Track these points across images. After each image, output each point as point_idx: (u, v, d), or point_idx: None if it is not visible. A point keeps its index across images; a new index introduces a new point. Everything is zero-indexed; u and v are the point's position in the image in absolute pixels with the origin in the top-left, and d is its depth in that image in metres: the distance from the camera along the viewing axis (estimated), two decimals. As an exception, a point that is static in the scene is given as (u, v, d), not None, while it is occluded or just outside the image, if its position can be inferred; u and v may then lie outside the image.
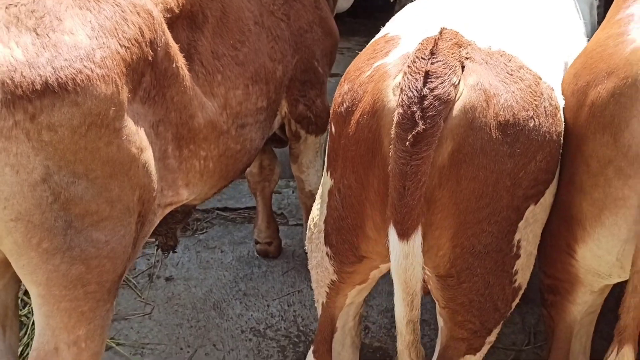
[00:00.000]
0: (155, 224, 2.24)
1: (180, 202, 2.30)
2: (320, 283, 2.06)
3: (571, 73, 1.96)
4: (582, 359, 2.10)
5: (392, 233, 1.63)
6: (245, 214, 4.02)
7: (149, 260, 3.60)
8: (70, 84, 1.63)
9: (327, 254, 1.96)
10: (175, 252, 2.81)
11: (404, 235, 1.62)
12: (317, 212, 2.05)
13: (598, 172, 1.75)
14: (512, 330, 3.17)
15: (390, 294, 3.43)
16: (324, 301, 2.09)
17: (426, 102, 1.56)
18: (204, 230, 3.86)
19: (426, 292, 2.33)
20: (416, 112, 1.55)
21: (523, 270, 1.88)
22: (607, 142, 1.71)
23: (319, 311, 2.14)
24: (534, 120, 1.67)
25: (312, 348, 2.17)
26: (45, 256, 1.78)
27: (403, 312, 1.69)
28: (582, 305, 1.99)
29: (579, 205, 1.82)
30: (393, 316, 3.36)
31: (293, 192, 4.20)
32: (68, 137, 1.68)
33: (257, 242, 3.65)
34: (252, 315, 3.26)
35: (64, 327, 1.88)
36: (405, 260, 1.63)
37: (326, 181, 1.97)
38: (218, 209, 4.03)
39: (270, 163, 3.47)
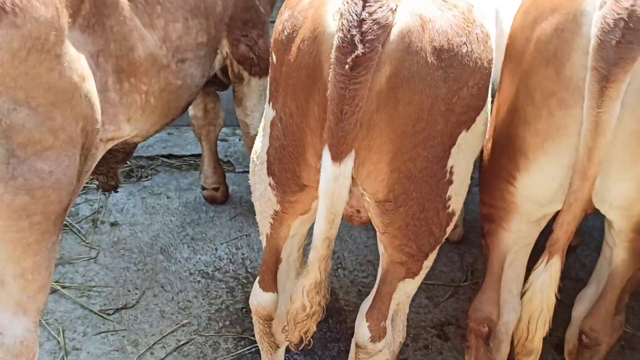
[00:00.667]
0: (98, 160, 2.22)
1: (122, 137, 2.28)
2: (264, 214, 2.10)
3: (521, 11, 2.05)
4: (515, 287, 2.23)
5: (326, 155, 1.68)
6: (191, 162, 4.01)
7: (92, 206, 3.56)
8: (8, 4, 1.60)
9: (269, 184, 2.00)
10: (117, 192, 2.79)
11: (336, 158, 1.67)
12: (259, 144, 2.08)
13: (542, 105, 1.85)
14: (451, 268, 3.33)
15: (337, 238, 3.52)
16: (268, 232, 2.13)
17: (365, 26, 1.60)
18: (149, 177, 3.84)
19: (363, 222, 2.42)
20: (355, 35, 1.59)
21: (456, 196, 1.97)
22: (551, 75, 1.81)
23: (264, 243, 2.19)
24: (467, 46, 1.74)
25: (257, 278, 2.22)
26: (-13, 185, 1.76)
27: (323, 229, 1.77)
28: (517, 233, 2.11)
29: (522, 136, 1.93)
30: (339, 258, 3.48)
31: (239, 140, 4.21)
32: (8, 61, 1.64)
33: (203, 188, 3.66)
34: (200, 258, 3.30)
35: (10, 259, 1.87)
36: (334, 182, 1.69)
37: (268, 113, 2.00)
38: (163, 156, 4.01)
39: (215, 107, 3.46)
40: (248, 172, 3.82)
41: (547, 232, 2.11)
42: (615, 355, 2.84)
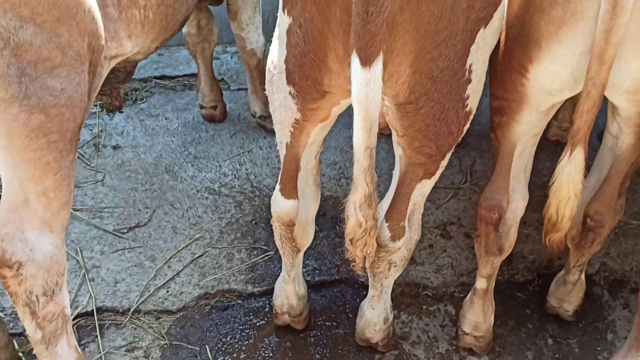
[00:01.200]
0: (104, 78, 2.20)
1: (124, 54, 2.25)
2: (284, 123, 2.10)
3: None
4: (523, 176, 2.31)
5: (355, 60, 1.64)
6: (185, 82, 3.96)
7: (92, 130, 3.52)
8: None
9: (290, 93, 1.99)
10: (122, 112, 2.77)
11: (366, 62, 1.64)
12: (275, 53, 2.06)
13: None
14: (450, 171, 3.41)
15: (337, 148, 3.56)
16: (288, 141, 2.15)
17: None
18: (144, 100, 3.79)
19: (382, 129, 2.43)
20: None
21: (474, 94, 2.00)
22: None
23: (283, 152, 2.21)
24: None
25: (278, 187, 2.26)
26: (2, 105, 1.74)
27: (362, 138, 1.73)
28: (527, 124, 2.15)
29: (537, 25, 1.92)
30: (340, 168, 3.54)
31: (232, 58, 4.14)
32: None
33: (202, 107, 3.63)
34: (205, 176, 3.32)
35: (31, 177, 1.88)
36: (366, 87, 1.65)
37: (283, 21, 1.96)
38: (156, 77, 3.95)
39: (208, 22, 3.38)
40: (244, 89, 3.84)
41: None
42: (610, 243, 3.00)
